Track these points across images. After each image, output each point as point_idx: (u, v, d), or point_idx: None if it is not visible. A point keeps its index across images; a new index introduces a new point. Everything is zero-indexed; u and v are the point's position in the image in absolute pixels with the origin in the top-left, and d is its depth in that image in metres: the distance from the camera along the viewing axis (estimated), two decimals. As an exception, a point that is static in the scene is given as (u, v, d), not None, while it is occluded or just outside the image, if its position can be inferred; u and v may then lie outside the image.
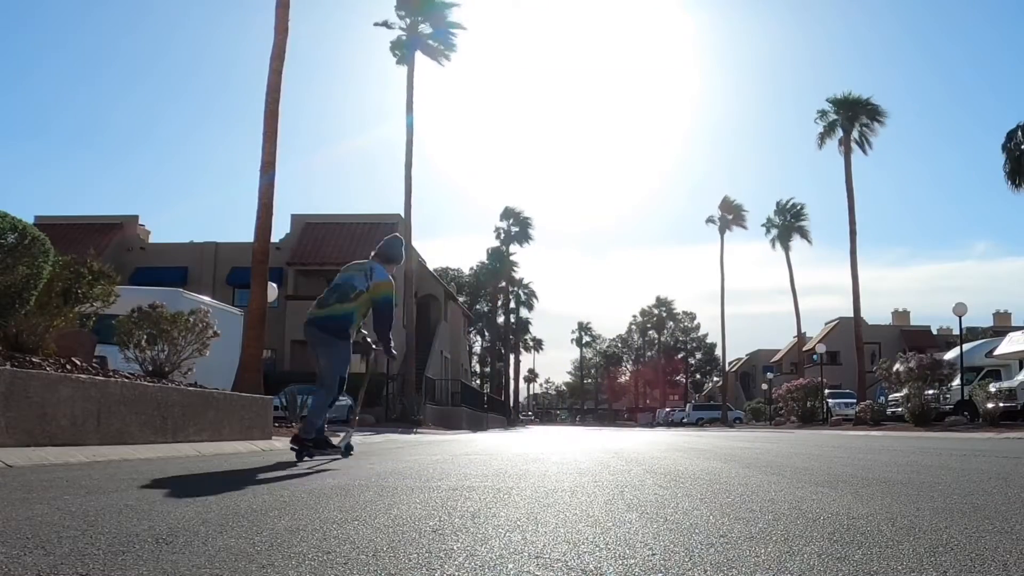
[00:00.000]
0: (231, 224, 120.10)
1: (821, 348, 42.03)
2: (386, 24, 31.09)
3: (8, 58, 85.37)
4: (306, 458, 5.98)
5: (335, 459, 6.07)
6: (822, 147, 39.84)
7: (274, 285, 17.86)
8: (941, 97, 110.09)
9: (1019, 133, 25.92)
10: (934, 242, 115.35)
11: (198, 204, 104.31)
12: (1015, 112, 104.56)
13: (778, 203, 50.92)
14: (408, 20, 30.96)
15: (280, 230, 34.61)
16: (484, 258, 65.91)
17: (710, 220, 54.90)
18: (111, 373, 6.97)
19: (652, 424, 66.21)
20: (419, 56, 30.94)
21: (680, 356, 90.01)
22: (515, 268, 65.34)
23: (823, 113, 39.69)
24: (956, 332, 31.60)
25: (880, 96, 79.77)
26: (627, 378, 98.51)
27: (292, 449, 6.14)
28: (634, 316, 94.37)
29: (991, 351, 25.00)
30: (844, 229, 37.38)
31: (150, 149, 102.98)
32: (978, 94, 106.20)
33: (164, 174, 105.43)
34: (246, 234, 62.43)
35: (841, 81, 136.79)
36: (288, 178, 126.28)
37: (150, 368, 8.39)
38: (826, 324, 61.59)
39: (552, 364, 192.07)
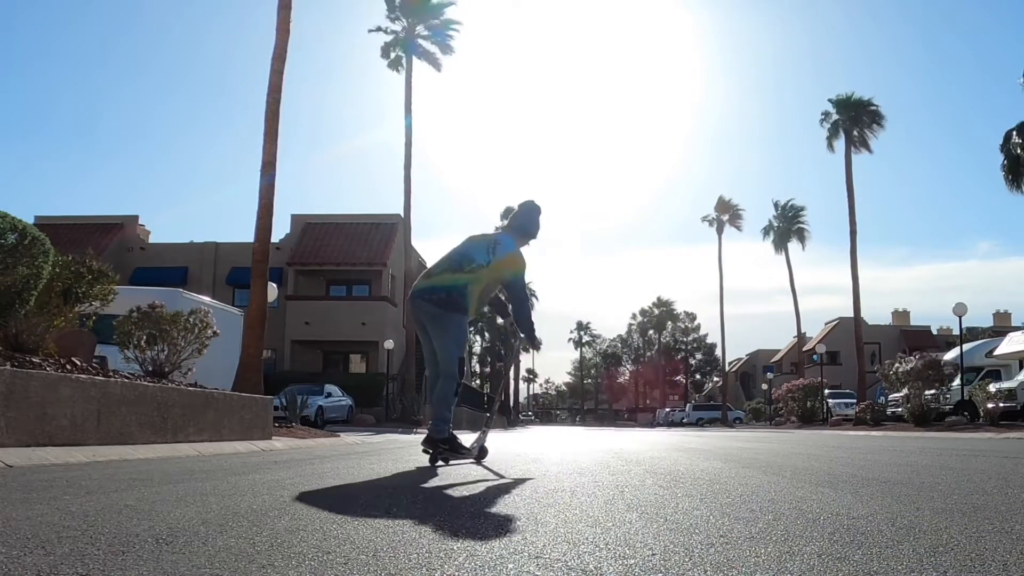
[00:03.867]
0: (231, 224, 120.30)
1: (821, 348, 42.05)
2: (380, 29, 31.09)
3: (2, 55, 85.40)
4: (440, 463, 5.23)
5: (468, 463, 5.36)
6: (833, 150, 39.72)
7: (274, 285, 17.87)
8: (945, 95, 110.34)
9: (1015, 134, 25.87)
10: (937, 241, 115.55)
11: (198, 204, 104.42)
12: (1019, 111, 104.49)
13: (776, 204, 50.93)
14: (403, 21, 30.92)
15: (280, 230, 34.67)
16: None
17: (706, 220, 54.97)
18: (111, 373, 6.98)
19: (652, 424, 66.22)
20: (415, 59, 30.97)
21: (680, 356, 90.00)
22: (515, 268, 65.24)
23: (827, 115, 39.72)
24: (956, 332, 31.61)
25: (883, 94, 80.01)
26: (627, 378, 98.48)
27: (425, 452, 5.34)
28: (634, 316, 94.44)
29: (991, 351, 25.00)
30: (846, 228, 37.43)
31: (149, 148, 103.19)
32: (983, 92, 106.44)
33: (164, 174, 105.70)
34: (246, 234, 62.48)
35: (844, 80, 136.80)
36: (288, 178, 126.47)
37: (150, 368, 8.40)
38: (826, 324, 61.62)
39: (552, 364, 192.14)
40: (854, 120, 38.79)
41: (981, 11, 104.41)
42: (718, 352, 69.05)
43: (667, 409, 70.67)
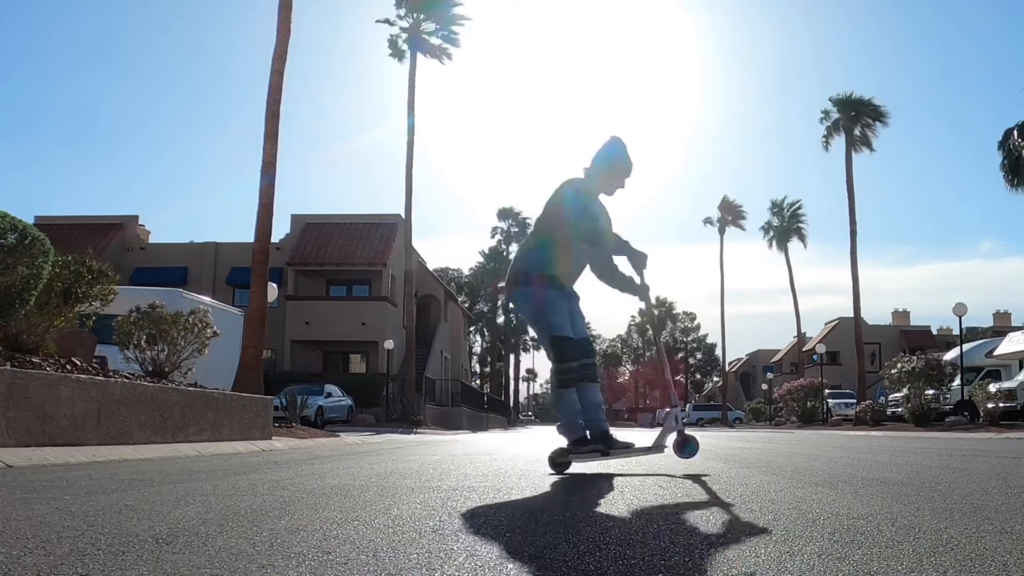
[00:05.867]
0: (231, 224, 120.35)
1: (821, 348, 42.03)
2: (388, 21, 31.02)
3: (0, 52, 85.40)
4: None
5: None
6: (829, 149, 39.73)
7: (274, 285, 17.87)
8: (946, 94, 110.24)
9: (1015, 133, 25.84)
10: (938, 241, 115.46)
11: (198, 204, 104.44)
12: (1020, 110, 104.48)
13: (775, 203, 50.80)
14: (410, 17, 30.86)
15: (280, 230, 34.66)
16: (483, 259, 66.01)
17: (708, 221, 54.91)
18: (111, 373, 6.98)
19: (652, 424, 66.14)
20: (420, 55, 30.91)
21: (680, 356, 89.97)
22: (515, 268, 65.26)
23: (826, 113, 39.68)
24: (956, 332, 31.60)
25: (884, 94, 79.99)
26: (627, 378, 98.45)
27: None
28: (633, 316, 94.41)
29: (991, 351, 25.00)
30: (846, 228, 37.41)
31: (149, 148, 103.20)
32: (984, 91, 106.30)
33: (164, 174, 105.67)
34: (246, 234, 62.55)
35: (845, 79, 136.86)
36: (288, 178, 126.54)
37: (150, 368, 8.40)
38: (826, 324, 61.61)
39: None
40: (854, 119, 38.73)
41: (983, 11, 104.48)
42: (718, 352, 69.12)
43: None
